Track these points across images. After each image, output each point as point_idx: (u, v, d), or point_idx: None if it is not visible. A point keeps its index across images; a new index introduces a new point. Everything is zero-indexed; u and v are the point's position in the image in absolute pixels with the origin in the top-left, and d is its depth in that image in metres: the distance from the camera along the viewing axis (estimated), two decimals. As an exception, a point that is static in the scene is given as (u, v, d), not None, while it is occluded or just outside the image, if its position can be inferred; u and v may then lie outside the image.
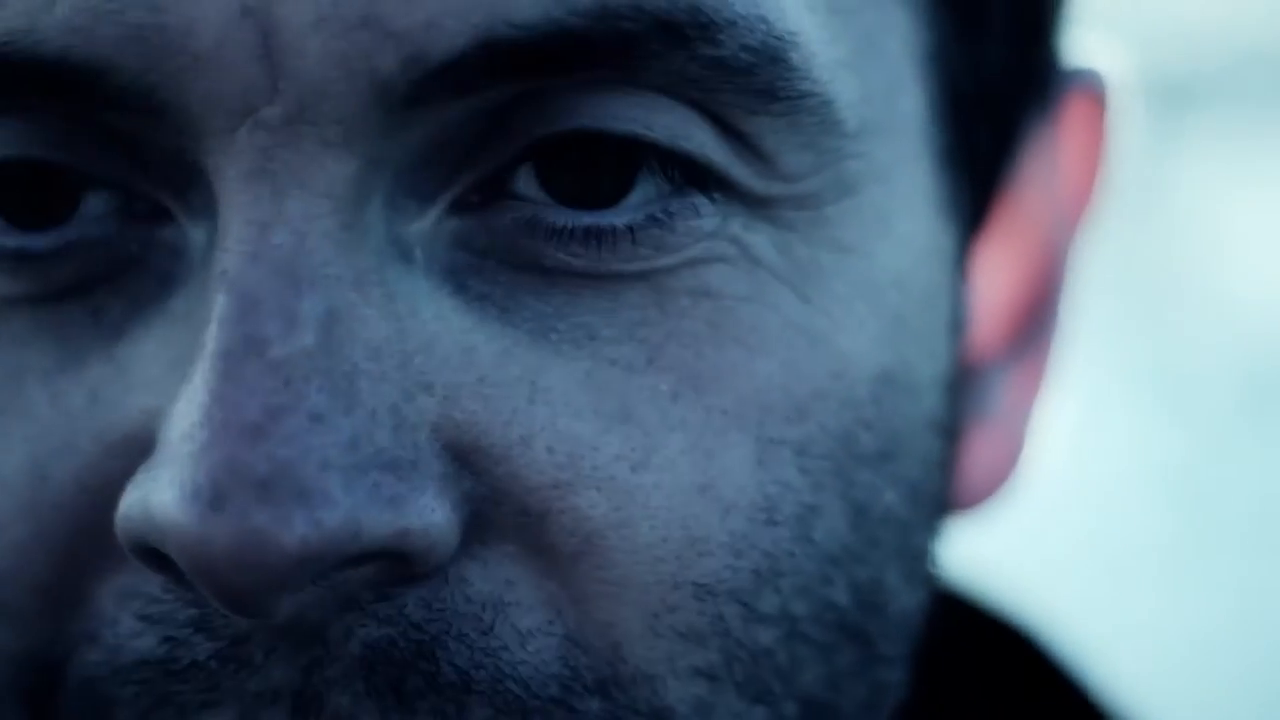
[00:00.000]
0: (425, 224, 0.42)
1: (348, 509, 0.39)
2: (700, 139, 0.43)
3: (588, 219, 0.42)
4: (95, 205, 0.43)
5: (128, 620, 0.43)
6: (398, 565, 0.41)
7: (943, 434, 0.49)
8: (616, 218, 0.42)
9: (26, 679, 0.45)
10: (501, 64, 0.40)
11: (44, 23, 0.40)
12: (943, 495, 0.50)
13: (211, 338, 0.40)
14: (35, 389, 0.44)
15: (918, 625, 0.49)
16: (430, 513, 0.41)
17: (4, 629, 0.44)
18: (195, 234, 0.42)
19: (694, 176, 0.43)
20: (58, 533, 0.43)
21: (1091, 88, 0.56)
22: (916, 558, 0.48)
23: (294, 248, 0.40)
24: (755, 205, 0.44)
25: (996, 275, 0.55)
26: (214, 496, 0.38)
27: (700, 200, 0.43)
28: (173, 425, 0.40)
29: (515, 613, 0.42)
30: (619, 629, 0.43)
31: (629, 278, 0.43)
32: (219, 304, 0.40)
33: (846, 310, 0.45)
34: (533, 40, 0.40)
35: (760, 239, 0.44)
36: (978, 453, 0.54)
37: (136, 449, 0.42)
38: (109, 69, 0.40)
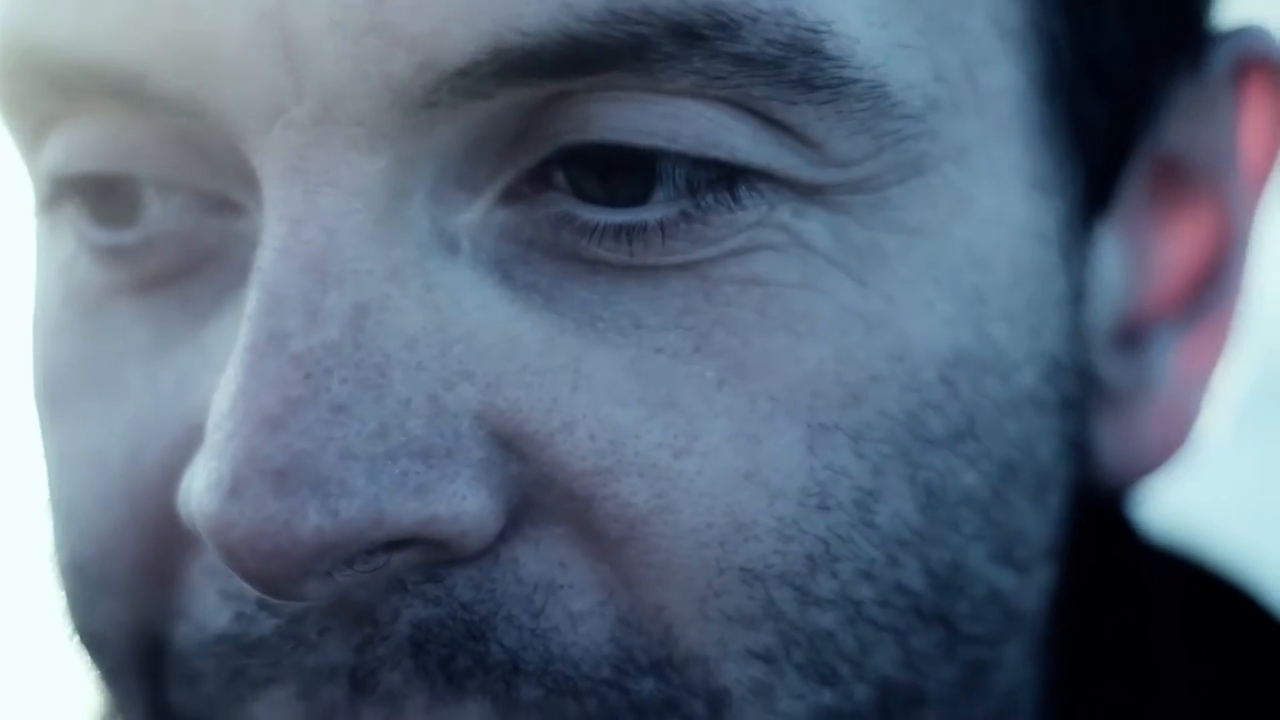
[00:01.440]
0: (474, 215, 0.43)
1: (369, 498, 0.40)
2: (732, 142, 0.42)
3: (617, 217, 0.42)
4: (156, 206, 0.45)
5: (211, 596, 0.45)
6: (438, 549, 0.42)
7: (1054, 409, 0.48)
8: (647, 214, 0.42)
9: (140, 651, 0.47)
10: (514, 70, 0.41)
11: (89, 29, 0.42)
12: (1061, 471, 0.49)
13: (242, 332, 0.41)
14: (133, 373, 0.46)
15: (1025, 605, 0.48)
16: (461, 500, 0.41)
17: (114, 603, 0.47)
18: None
19: (728, 173, 0.42)
20: (151, 512, 0.45)
21: (1269, 49, 0.53)
22: (1013, 537, 0.47)
23: (324, 244, 0.41)
24: (807, 192, 0.43)
25: (1167, 241, 0.53)
26: (233, 486, 0.40)
27: (739, 192, 0.42)
28: (210, 416, 0.42)
29: (567, 595, 0.43)
30: (670, 611, 0.43)
31: (670, 268, 0.43)
32: (251, 299, 0.41)
33: (911, 292, 0.44)
34: (542, 46, 0.40)
35: (812, 225, 0.43)
36: (1145, 421, 0.52)
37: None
38: (149, 73, 0.42)
